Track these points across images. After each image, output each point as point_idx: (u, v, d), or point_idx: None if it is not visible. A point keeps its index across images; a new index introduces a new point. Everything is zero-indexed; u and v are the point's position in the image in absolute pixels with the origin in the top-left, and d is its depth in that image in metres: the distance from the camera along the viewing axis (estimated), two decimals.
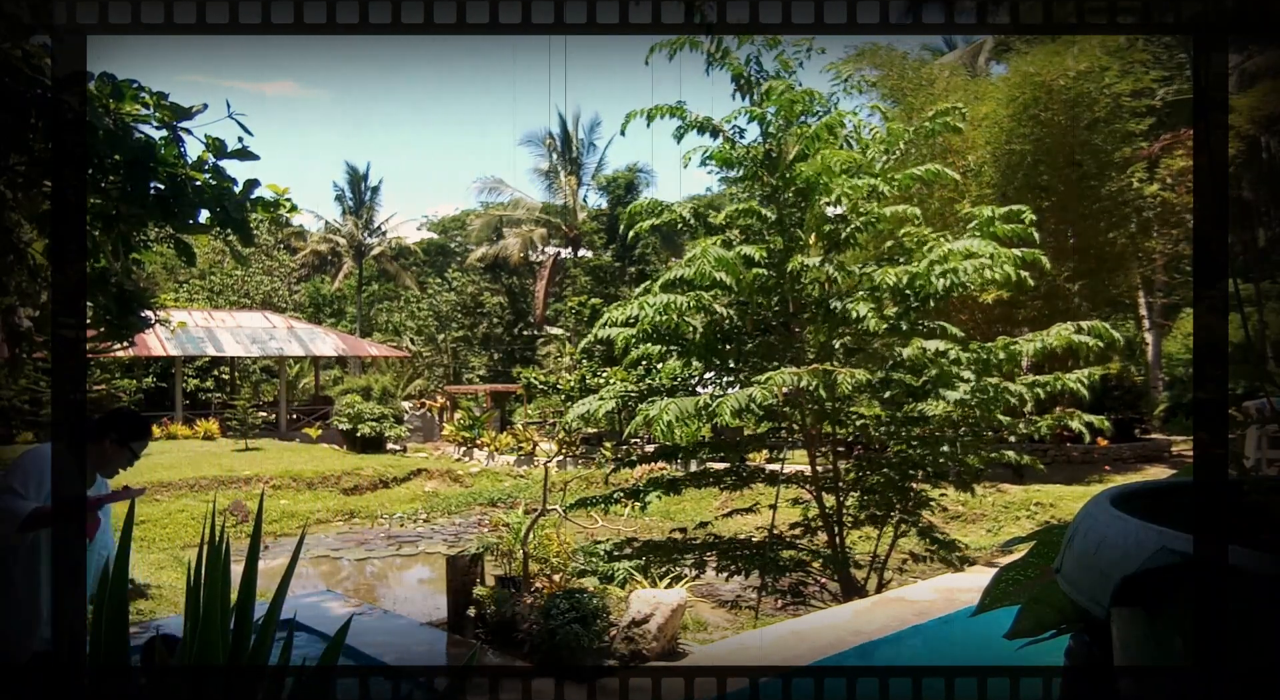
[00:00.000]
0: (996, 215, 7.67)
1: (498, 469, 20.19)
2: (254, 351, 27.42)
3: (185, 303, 32.30)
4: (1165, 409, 20.85)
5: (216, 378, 30.66)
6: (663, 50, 7.47)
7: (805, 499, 9.14)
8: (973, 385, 7.42)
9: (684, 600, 7.17)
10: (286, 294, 39.20)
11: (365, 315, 43.01)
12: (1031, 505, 13.20)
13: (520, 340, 37.32)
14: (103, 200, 3.44)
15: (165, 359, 26.56)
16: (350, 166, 44.42)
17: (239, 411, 23.02)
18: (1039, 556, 1.06)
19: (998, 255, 7.09)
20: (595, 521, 14.13)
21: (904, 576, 9.13)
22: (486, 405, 27.50)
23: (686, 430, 7.07)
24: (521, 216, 38.97)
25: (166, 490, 15.81)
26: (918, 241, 8.10)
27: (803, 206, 7.91)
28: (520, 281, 39.42)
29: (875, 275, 7.49)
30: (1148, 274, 19.76)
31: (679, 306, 7.35)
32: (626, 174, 37.33)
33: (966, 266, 6.99)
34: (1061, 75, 14.85)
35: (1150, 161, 16.23)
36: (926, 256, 7.41)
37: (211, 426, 25.20)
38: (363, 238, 43.23)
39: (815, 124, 7.70)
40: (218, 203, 3.47)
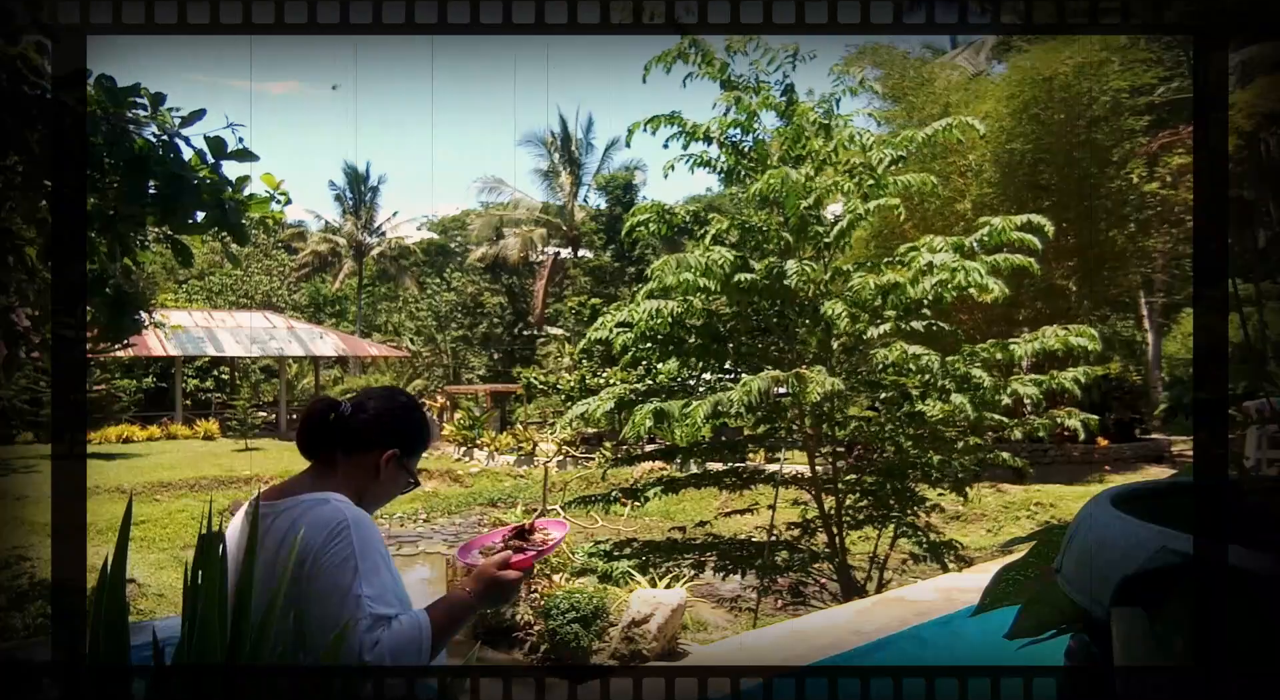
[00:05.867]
0: (1013, 225, 7.54)
1: (497, 469, 20.19)
2: (254, 352, 27.42)
3: (185, 303, 32.31)
4: (1165, 409, 20.85)
5: (216, 378, 30.67)
6: (659, 65, 7.49)
7: (805, 499, 9.14)
8: (962, 387, 7.41)
9: (684, 600, 7.17)
10: (286, 294, 39.20)
11: (366, 315, 43.00)
12: (1031, 505, 13.21)
13: (520, 340, 37.30)
14: (101, 201, 3.44)
15: (165, 359, 26.56)
16: (349, 166, 44.43)
17: (239, 411, 23.02)
18: (1039, 556, 1.06)
19: (969, 268, 6.92)
20: (595, 521, 14.12)
21: (904, 576, 9.13)
22: (486, 405, 27.50)
23: (686, 430, 7.06)
24: (521, 216, 38.97)
25: (166, 490, 15.81)
26: (908, 250, 8.06)
27: (784, 209, 7.89)
28: (520, 281, 39.41)
29: (855, 281, 7.50)
30: (1148, 273, 19.76)
31: (670, 311, 7.37)
32: (625, 174, 37.34)
33: (942, 277, 6.89)
34: (1060, 73, 14.85)
35: (1150, 159, 16.22)
36: (913, 266, 7.35)
37: (211, 426, 25.21)
38: (363, 238, 43.21)
39: (788, 127, 7.69)
40: (216, 204, 3.47)
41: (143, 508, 13.80)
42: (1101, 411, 16.34)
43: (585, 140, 39.08)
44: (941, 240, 7.76)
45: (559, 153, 39.00)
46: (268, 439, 24.24)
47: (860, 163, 7.80)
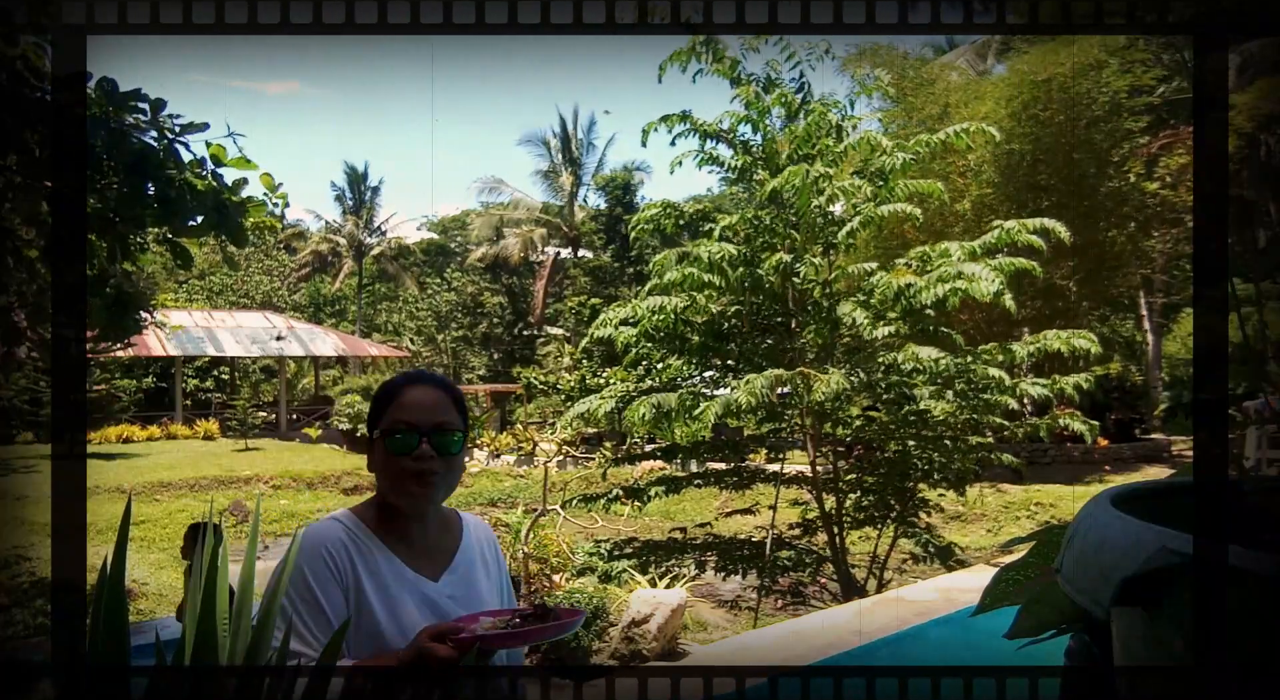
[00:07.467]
0: (1026, 228, 7.53)
1: (498, 469, 20.19)
2: (254, 351, 27.42)
3: (185, 303, 32.32)
4: (1165, 409, 20.86)
5: (216, 378, 30.67)
6: (674, 63, 7.48)
7: (805, 499, 9.14)
8: (964, 389, 7.41)
9: (684, 600, 7.17)
10: (287, 294, 39.21)
11: (366, 315, 43.01)
12: (1031, 505, 13.22)
13: (520, 340, 37.32)
14: (101, 202, 3.44)
15: (165, 359, 26.56)
16: (349, 166, 44.43)
17: (239, 411, 23.02)
18: (1039, 556, 1.06)
19: (985, 277, 6.91)
20: (595, 521, 14.12)
21: (904, 577, 9.13)
22: (486, 405, 27.50)
23: (686, 430, 7.07)
24: (521, 216, 38.97)
25: (166, 490, 15.81)
26: (922, 257, 8.05)
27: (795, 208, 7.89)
28: (520, 281, 39.42)
29: (874, 281, 7.48)
30: (1148, 273, 19.76)
31: (674, 308, 7.36)
32: (624, 174, 37.34)
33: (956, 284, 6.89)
34: (1059, 74, 14.86)
35: (1149, 159, 16.24)
36: (935, 269, 7.34)
37: (211, 426, 25.21)
38: (363, 238, 43.21)
39: (802, 126, 7.68)
40: (215, 207, 3.47)
41: (142, 508, 13.80)
42: (1102, 412, 16.36)
43: (586, 140, 39.10)
44: (957, 247, 7.71)
45: (559, 153, 39.01)
46: (268, 439, 24.24)
47: (871, 164, 7.80)
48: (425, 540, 1.65)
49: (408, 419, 1.60)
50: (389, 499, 1.63)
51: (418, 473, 1.58)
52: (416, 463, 1.58)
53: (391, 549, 1.60)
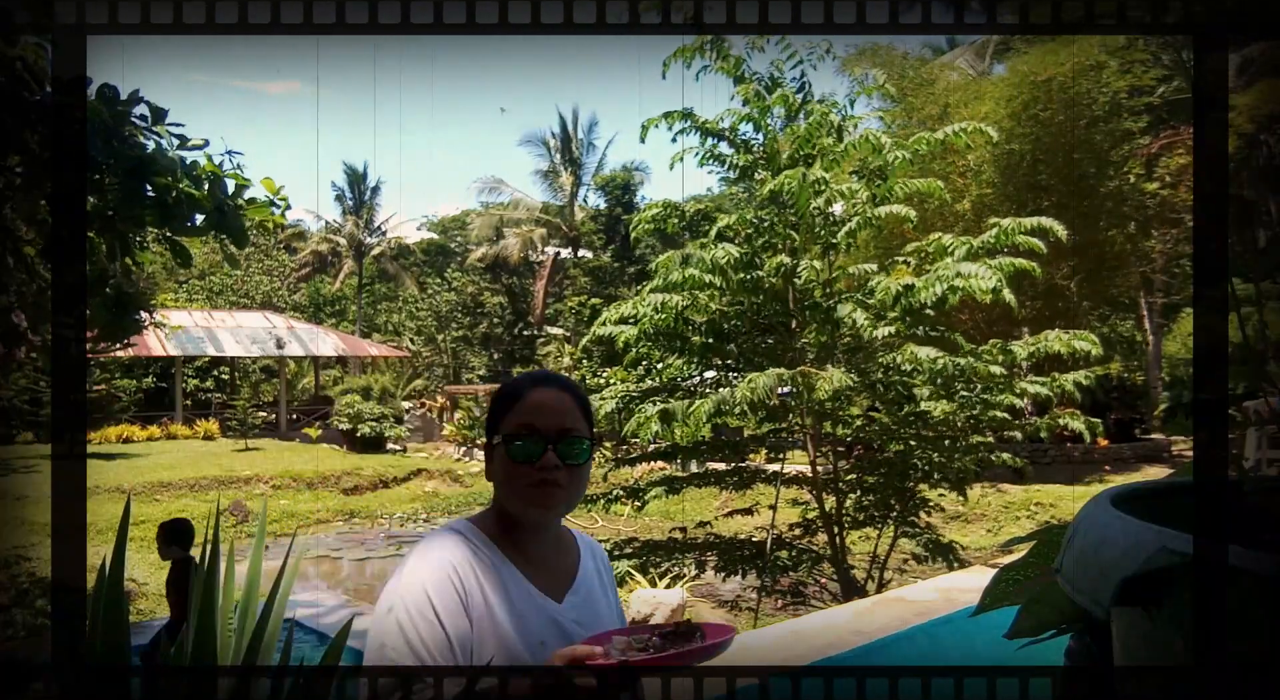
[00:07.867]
0: (1023, 228, 7.53)
1: None
2: (254, 351, 27.42)
3: (185, 303, 32.32)
4: (1165, 409, 20.84)
5: (216, 378, 30.67)
6: (678, 60, 7.48)
7: (805, 499, 9.14)
8: (965, 390, 7.41)
9: (684, 600, 7.18)
10: (287, 294, 39.21)
11: (366, 315, 43.01)
12: (1031, 505, 13.22)
13: (520, 340, 37.32)
14: (101, 202, 3.44)
15: (165, 359, 26.56)
16: (349, 166, 44.43)
17: (239, 411, 23.03)
18: (1039, 556, 1.06)
19: (984, 276, 6.92)
20: (595, 521, 14.13)
21: (904, 576, 9.14)
22: (487, 405, 27.50)
23: (686, 430, 7.07)
24: (521, 216, 38.98)
25: (166, 490, 15.81)
26: (919, 253, 8.05)
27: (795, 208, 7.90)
28: (520, 281, 39.42)
29: (874, 282, 7.48)
30: (1148, 273, 19.77)
31: (675, 306, 7.36)
32: (624, 174, 37.35)
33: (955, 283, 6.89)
34: (1059, 74, 14.86)
35: (1149, 159, 16.24)
36: (933, 268, 7.35)
37: (211, 426, 25.21)
38: (363, 238, 43.21)
39: (803, 126, 7.68)
40: (215, 207, 3.47)
41: (142, 508, 13.80)
42: (1102, 411, 16.36)
43: (586, 140, 39.10)
44: (950, 238, 7.74)
45: (559, 153, 39.02)
46: (268, 439, 24.24)
47: (871, 164, 7.80)
48: (546, 557, 1.52)
49: (532, 424, 1.45)
50: (508, 509, 1.48)
51: (540, 483, 1.43)
52: (540, 472, 1.43)
53: (516, 565, 1.46)
